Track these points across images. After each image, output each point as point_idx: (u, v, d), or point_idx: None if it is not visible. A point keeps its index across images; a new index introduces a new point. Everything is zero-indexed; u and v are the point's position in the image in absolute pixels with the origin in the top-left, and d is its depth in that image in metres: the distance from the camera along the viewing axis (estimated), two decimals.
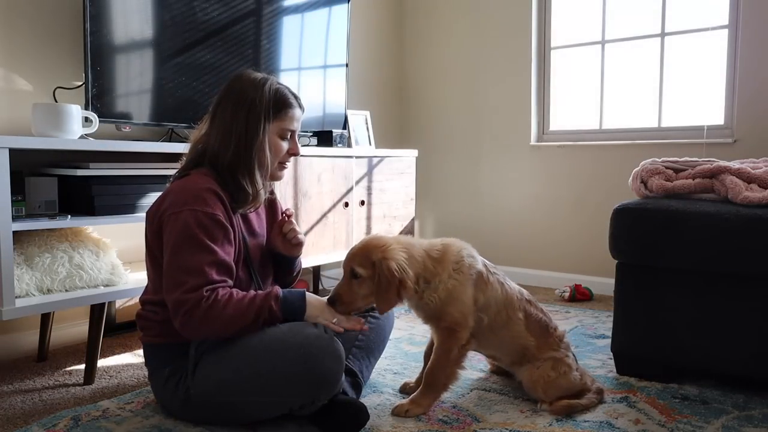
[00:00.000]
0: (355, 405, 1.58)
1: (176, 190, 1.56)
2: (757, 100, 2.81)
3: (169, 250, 1.51)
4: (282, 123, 1.63)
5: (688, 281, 1.84)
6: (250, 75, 1.64)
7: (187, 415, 1.60)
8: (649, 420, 1.64)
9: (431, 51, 3.85)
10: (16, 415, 1.72)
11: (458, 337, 1.67)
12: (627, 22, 3.23)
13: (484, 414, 1.69)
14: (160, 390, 1.62)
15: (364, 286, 1.60)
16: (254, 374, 1.48)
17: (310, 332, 1.51)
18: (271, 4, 2.70)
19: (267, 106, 1.59)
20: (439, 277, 1.65)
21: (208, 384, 1.51)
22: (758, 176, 1.86)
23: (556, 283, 3.36)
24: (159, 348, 1.61)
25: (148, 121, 2.33)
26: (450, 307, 1.66)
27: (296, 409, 1.52)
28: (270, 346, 1.49)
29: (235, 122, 1.58)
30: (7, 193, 1.74)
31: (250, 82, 1.61)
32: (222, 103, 1.62)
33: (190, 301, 1.45)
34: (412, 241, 1.69)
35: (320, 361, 1.48)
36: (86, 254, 2.01)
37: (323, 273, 3.40)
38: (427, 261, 1.66)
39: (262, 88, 1.59)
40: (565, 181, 3.36)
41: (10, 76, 2.17)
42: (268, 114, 1.59)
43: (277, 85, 1.64)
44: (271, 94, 1.60)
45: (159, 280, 1.57)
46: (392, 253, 1.59)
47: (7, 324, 2.17)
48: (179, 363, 1.56)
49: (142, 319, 1.64)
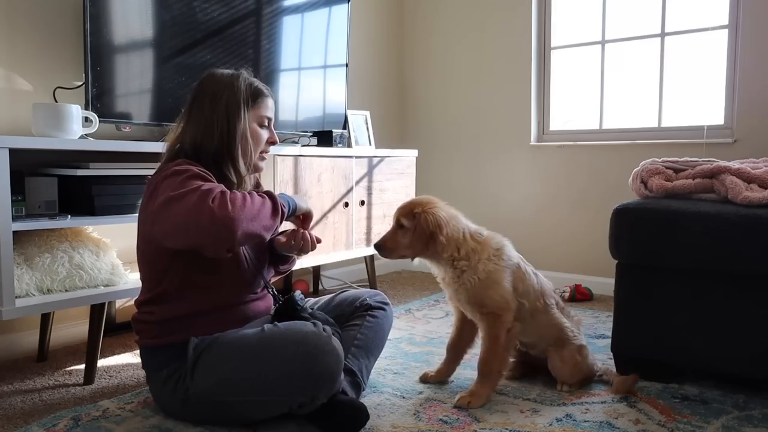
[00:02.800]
0: (354, 405, 1.58)
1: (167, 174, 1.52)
2: (757, 100, 2.81)
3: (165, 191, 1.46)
4: (259, 110, 1.68)
5: (688, 281, 1.84)
6: (220, 71, 1.68)
7: (186, 416, 1.60)
8: (649, 420, 1.64)
9: (431, 51, 3.85)
10: (16, 415, 1.72)
11: (503, 321, 1.74)
12: (627, 22, 3.23)
13: (484, 414, 1.69)
14: (159, 392, 1.62)
15: (406, 236, 1.76)
16: (253, 373, 1.48)
17: (309, 330, 1.52)
18: (271, 4, 2.70)
19: (245, 95, 1.64)
20: (479, 257, 1.75)
21: (206, 384, 1.51)
22: (758, 176, 1.86)
23: (556, 283, 3.34)
24: (156, 350, 1.60)
25: (148, 121, 2.33)
26: (491, 291, 1.74)
27: (296, 407, 1.52)
28: (268, 345, 1.50)
29: (215, 114, 1.60)
30: (7, 193, 1.74)
31: (223, 77, 1.65)
32: (198, 100, 1.64)
33: (205, 190, 1.41)
34: (460, 216, 1.81)
35: (319, 358, 1.48)
36: (86, 254, 2.01)
37: (323, 273, 3.40)
38: (468, 236, 1.77)
39: (236, 80, 1.64)
40: (565, 181, 3.36)
41: (10, 76, 2.17)
42: (246, 102, 1.64)
43: (249, 77, 1.69)
44: (246, 85, 1.65)
45: (153, 275, 1.57)
46: (433, 209, 1.74)
47: (7, 324, 2.18)
48: (177, 364, 1.56)
49: (139, 323, 1.63)
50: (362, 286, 3.44)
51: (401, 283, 3.53)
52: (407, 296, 3.20)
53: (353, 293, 1.96)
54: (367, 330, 1.82)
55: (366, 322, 1.84)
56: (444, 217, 1.74)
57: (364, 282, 3.52)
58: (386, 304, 1.94)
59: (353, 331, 1.80)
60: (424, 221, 1.72)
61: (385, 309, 1.92)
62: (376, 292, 1.97)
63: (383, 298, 1.95)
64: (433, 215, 1.73)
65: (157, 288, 1.59)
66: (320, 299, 1.93)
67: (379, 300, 1.93)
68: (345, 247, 2.87)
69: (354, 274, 3.59)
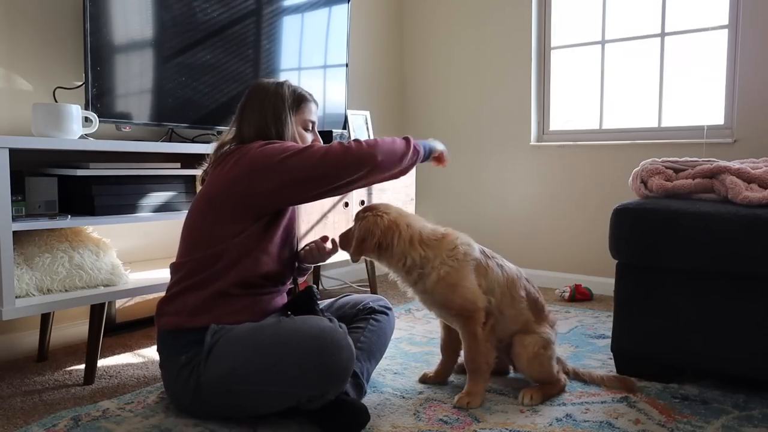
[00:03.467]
0: (355, 406, 1.58)
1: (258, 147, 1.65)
2: (757, 100, 2.81)
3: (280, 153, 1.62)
4: (303, 115, 1.80)
5: (688, 281, 1.84)
6: (267, 80, 1.81)
7: (196, 405, 1.60)
8: (649, 420, 1.64)
9: (431, 51, 3.85)
10: (16, 415, 1.72)
11: (475, 319, 1.73)
12: (627, 22, 3.23)
13: (484, 414, 1.69)
14: (173, 379, 1.62)
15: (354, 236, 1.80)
16: (267, 363, 1.49)
17: (325, 325, 1.54)
18: (271, 4, 2.70)
19: (290, 101, 1.76)
20: (431, 264, 1.73)
21: (219, 371, 1.52)
22: (758, 176, 1.86)
23: (556, 283, 3.36)
24: (180, 334, 1.60)
25: (148, 121, 2.33)
26: (452, 294, 1.72)
27: (305, 401, 1.53)
28: (285, 337, 1.52)
29: (265, 119, 1.73)
30: (7, 193, 1.74)
31: (270, 85, 1.78)
32: (247, 107, 1.76)
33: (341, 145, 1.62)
34: (414, 223, 1.79)
35: (334, 353, 1.50)
36: (86, 254, 2.01)
37: (323, 273, 3.40)
38: (417, 243, 1.75)
39: (281, 87, 1.77)
40: (565, 181, 3.36)
41: (10, 76, 2.17)
42: (292, 108, 1.76)
43: (293, 85, 1.81)
44: (291, 91, 1.78)
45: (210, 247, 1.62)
46: (375, 217, 1.76)
47: (7, 324, 2.18)
48: (196, 351, 1.57)
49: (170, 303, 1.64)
50: (362, 286, 3.44)
51: None
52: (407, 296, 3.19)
53: (356, 297, 1.98)
54: (370, 333, 1.83)
55: (369, 326, 1.85)
56: (382, 227, 1.73)
57: (364, 282, 3.52)
58: (389, 309, 1.96)
59: (356, 334, 1.81)
60: (359, 229, 1.76)
61: (388, 314, 1.94)
62: (379, 297, 1.99)
63: (386, 303, 1.97)
64: (369, 224, 1.74)
65: (214, 253, 1.61)
66: (322, 302, 1.93)
67: (383, 304, 1.95)
68: None
69: (354, 274, 3.59)
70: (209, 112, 2.47)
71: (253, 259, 1.63)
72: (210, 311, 1.60)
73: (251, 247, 1.63)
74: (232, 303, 1.62)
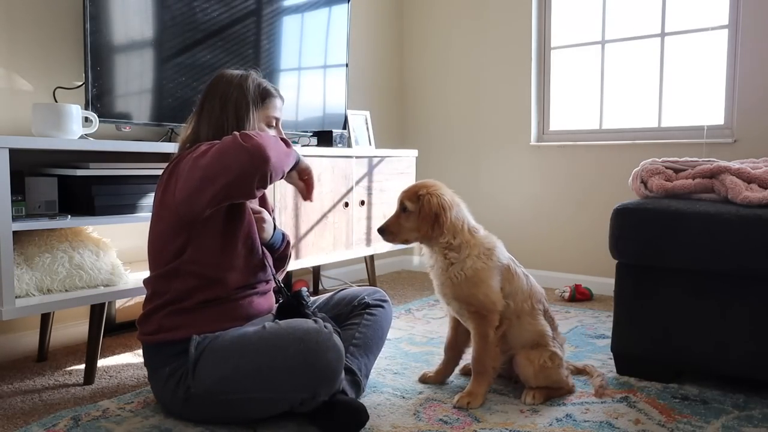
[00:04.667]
0: (354, 405, 1.58)
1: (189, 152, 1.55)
2: (757, 100, 2.81)
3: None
4: (267, 111, 1.72)
5: (688, 281, 1.84)
6: (230, 72, 1.73)
7: (188, 415, 1.60)
8: (649, 420, 1.64)
9: (431, 51, 3.85)
10: (16, 415, 1.72)
11: (490, 320, 1.74)
12: (627, 22, 3.23)
13: (484, 414, 1.69)
14: (161, 391, 1.62)
15: (410, 220, 1.76)
16: (255, 370, 1.48)
17: (310, 327, 1.52)
18: (271, 4, 2.70)
19: (253, 95, 1.69)
20: (470, 252, 1.75)
21: (208, 382, 1.51)
22: (758, 176, 1.86)
23: (556, 283, 3.36)
24: (159, 347, 1.60)
25: (148, 121, 2.33)
26: (476, 289, 1.73)
27: (297, 405, 1.53)
28: (270, 342, 1.50)
29: (225, 113, 1.66)
30: (7, 193, 1.74)
31: (233, 77, 1.70)
32: (208, 100, 1.69)
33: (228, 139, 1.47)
34: (462, 206, 1.81)
35: (321, 354, 1.49)
36: (86, 254, 2.01)
37: (323, 273, 3.40)
38: (465, 227, 1.77)
39: (245, 81, 1.69)
40: (565, 181, 3.36)
41: (10, 76, 2.17)
42: (255, 103, 1.69)
43: (258, 78, 1.73)
44: (255, 86, 1.70)
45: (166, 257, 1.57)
46: (438, 192, 1.75)
47: (7, 324, 2.18)
48: (179, 363, 1.56)
49: (144, 318, 1.63)
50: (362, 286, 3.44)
51: (401, 283, 3.53)
52: (407, 296, 3.20)
53: (351, 291, 1.96)
54: (365, 328, 1.82)
55: (364, 321, 1.84)
56: (448, 200, 1.75)
57: (364, 282, 3.52)
58: (385, 301, 1.94)
59: (352, 330, 1.80)
60: (427, 203, 1.72)
61: (384, 306, 1.92)
62: (375, 290, 1.97)
63: (382, 296, 1.95)
64: (438, 197, 1.73)
65: (170, 268, 1.58)
66: (318, 298, 1.93)
67: (378, 297, 1.93)
68: (345, 246, 2.87)
69: (354, 274, 3.59)
70: None
71: (217, 279, 1.59)
72: (188, 324, 1.58)
73: (208, 265, 1.58)
74: (210, 313, 1.60)
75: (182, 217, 1.53)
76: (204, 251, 1.58)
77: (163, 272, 1.60)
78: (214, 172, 1.43)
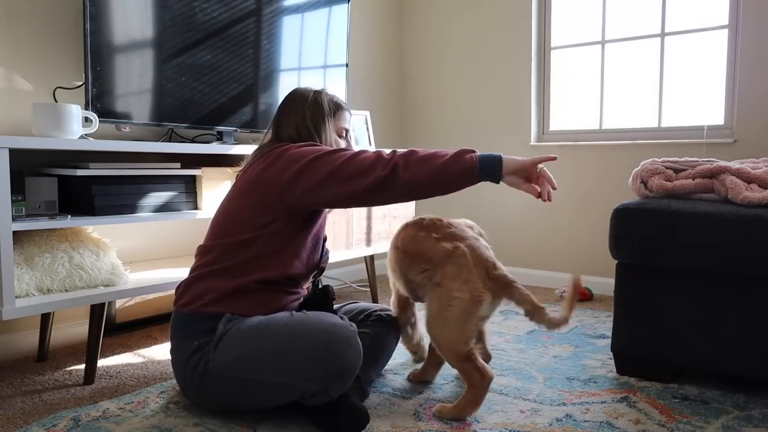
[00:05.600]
0: (356, 407, 1.58)
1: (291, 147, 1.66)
2: (757, 100, 2.81)
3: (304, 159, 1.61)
4: (339, 122, 1.83)
5: (688, 281, 1.84)
6: (304, 88, 1.85)
7: (202, 390, 1.60)
8: (649, 420, 1.64)
9: (431, 51, 3.85)
10: (16, 415, 1.72)
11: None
12: (627, 22, 3.23)
13: (483, 414, 1.69)
14: (184, 364, 1.61)
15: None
16: (275, 352, 1.50)
17: (337, 321, 1.56)
18: (271, 4, 2.70)
19: (327, 108, 1.80)
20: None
21: (227, 357, 1.52)
22: (758, 176, 1.86)
23: (556, 283, 3.36)
24: (196, 318, 1.61)
25: (148, 121, 2.33)
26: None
27: (308, 396, 1.53)
28: (295, 328, 1.53)
29: (304, 122, 1.77)
30: (7, 193, 1.74)
31: (308, 92, 1.82)
32: (285, 112, 1.80)
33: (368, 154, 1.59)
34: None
35: (343, 349, 1.51)
36: (86, 254, 2.01)
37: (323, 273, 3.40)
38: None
39: (319, 95, 1.82)
40: (565, 181, 3.36)
41: (10, 76, 2.17)
42: (329, 114, 1.80)
43: (329, 93, 1.85)
44: (328, 99, 1.82)
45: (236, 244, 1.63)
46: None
47: (7, 324, 2.18)
48: (208, 338, 1.58)
49: (192, 287, 1.64)
50: (362, 286, 3.44)
51: None
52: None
53: (362, 305, 1.99)
54: (375, 339, 1.83)
55: (375, 332, 1.85)
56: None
57: (364, 282, 3.52)
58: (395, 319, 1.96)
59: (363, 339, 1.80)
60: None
61: (393, 324, 1.94)
62: (384, 307, 2.00)
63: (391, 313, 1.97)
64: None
65: (243, 240, 1.63)
66: None
67: (389, 313, 1.95)
68: (345, 246, 2.87)
69: (354, 274, 3.59)
70: (209, 112, 2.47)
71: (282, 260, 1.66)
72: (228, 302, 1.61)
73: (282, 246, 1.66)
74: (252, 297, 1.63)
75: (282, 200, 1.62)
76: (282, 234, 1.65)
77: (236, 241, 1.64)
78: (348, 174, 1.56)
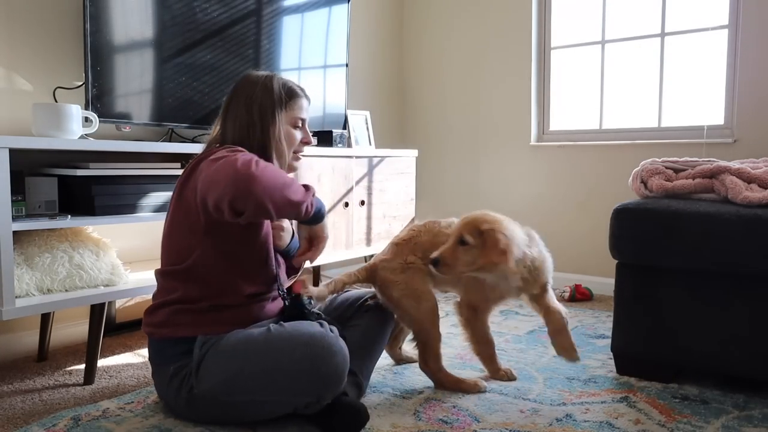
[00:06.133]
0: (355, 406, 1.58)
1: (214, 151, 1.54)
2: (757, 100, 2.81)
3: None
4: (292, 112, 1.71)
5: (688, 281, 1.84)
6: (255, 73, 1.71)
7: (191, 415, 1.59)
8: (649, 420, 1.64)
9: (431, 51, 3.85)
10: (16, 415, 1.72)
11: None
12: (627, 22, 3.23)
13: (484, 414, 1.69)
14: (165, 388, 1.61)
15: (468, 254, 1.70)
16: (260, 373, 1.48)
17: (316, 331, 1.52)
18: (271, 4, 2.70)
19: (278, 97, 1.67)
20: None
21: (212, 383, 1.51)
22: (758, 176, 1.86)
23: (556, 283, 3.34)
24: (165, 344, 1.59)
25: (148, 121, 2.33)
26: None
27: (302, 407, 1.52)
28: (275, 345, 1.49)
29: (250, 116, 1.64)
30: (7, 193, 1.74)
31: (258, 79, 1.68)
32: (233, 102, 1.67)
33: (244, 154, 1.46)
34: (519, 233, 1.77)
35: (327, 359, 1.48)
36: (86, 254, 2.01)
37: (323, 273, 3.40)
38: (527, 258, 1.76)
39: (270, 82, 1.68)
40: (565, 181, 3.36)
41: (10, 76, 2.17)
42: (281, 104, 1.67)
43: (283, 79, 1.72)
44: (280, 86, 1.68)
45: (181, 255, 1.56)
46: (502, 227, 1.70)
47: (7, 324, 2.18)
48: (184, 362, 1.56)
49: (151, 313, 1.62)
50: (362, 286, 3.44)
51: None
52: None
53: (355, 293, 1.97)
54: (368, 330, 1.82)
55: (367, 323, 1.84)
56: (510, 237, 1.68)
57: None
58: None
59: (354, 331, 1.80)
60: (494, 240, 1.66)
61: (386, 309, 1.92)
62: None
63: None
64: (504, 234, 1.68)
65: (181, 268, 1.57)
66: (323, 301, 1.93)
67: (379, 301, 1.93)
68: (345, 247, 2.87)
69: None
70: (209, 112, 2.47)
71: (230, 288, 1.59)
72: (197, 325, 1.57)
73: (223, 275, 1.57)
74: (219, 316, 1.58)
75: (200, 214, 1.52)
76: (216, 257, 1.56)
77: (174, 271, 1.59)
78: (207, 185, 1.44)
